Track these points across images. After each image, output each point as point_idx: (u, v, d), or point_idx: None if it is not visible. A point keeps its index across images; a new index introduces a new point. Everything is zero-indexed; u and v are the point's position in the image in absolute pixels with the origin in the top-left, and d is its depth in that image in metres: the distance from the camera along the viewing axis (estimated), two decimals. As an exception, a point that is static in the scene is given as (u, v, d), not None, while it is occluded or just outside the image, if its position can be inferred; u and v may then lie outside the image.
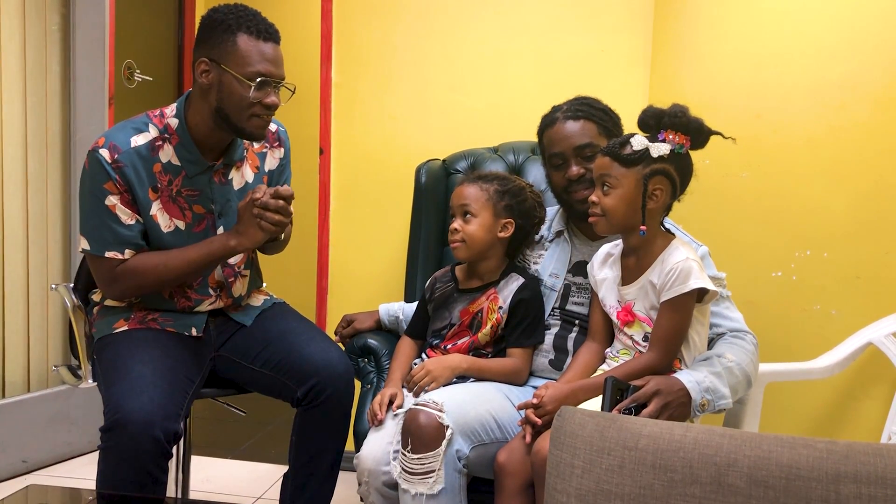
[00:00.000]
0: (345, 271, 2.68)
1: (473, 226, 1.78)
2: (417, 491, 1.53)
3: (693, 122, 1.55)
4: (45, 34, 2.67)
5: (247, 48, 1.65)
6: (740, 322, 1.74)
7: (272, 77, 1.68)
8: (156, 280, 1.74)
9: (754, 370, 1.67)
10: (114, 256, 1.70)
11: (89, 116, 2.75)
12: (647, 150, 1.54)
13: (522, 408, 1.58)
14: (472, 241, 1.79)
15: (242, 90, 1.66)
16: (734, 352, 1.64)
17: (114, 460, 1.54)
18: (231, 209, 1.82)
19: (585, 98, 1.82)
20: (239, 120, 1.69)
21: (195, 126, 1.74)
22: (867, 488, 0.94)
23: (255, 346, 1.84)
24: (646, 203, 1.54)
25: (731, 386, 1.58)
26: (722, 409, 1.57)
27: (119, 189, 1.68)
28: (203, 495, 2.45)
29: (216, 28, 1.67)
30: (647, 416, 1.46)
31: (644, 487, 1.02)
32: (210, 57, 1.67)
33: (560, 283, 1.83)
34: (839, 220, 2.09)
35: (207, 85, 1.68)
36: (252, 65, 1.65)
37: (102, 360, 1.74)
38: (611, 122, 1.79)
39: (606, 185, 1.58)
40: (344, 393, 1.78)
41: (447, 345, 1.82)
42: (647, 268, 1.60)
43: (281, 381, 1.79)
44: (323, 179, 2.66)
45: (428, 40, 2.58)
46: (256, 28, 1.67)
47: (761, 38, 2.18)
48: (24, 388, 2.66)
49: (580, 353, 1.71)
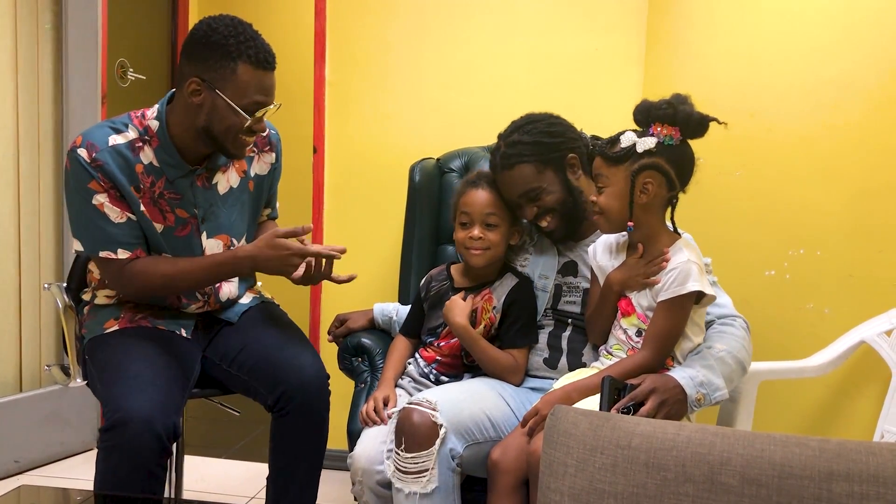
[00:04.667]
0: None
1: (497, 235, 1.77)
2: (411, 490, 1.53)
3: (681, 113, 1.54)
4: (37, 32, 2.66)
5: (246, 79, 1.62)
6: (729, 307, 1.74)
7: (267, 106, 1.66)
8: (163, 287, 1.74)
9: (747, 355, 1.67)
10: (107, 256, 1.69)
11: (82, 115, 2.73)
12: (635, 145, 1.54)
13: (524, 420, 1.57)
14: (496, 249, 1.78)
15: (237, 119, 1.64)
16: (724, 341, 1.65)
17: (115, 459, 1.53)
18: (215, 214, 1.80)
19: (519, 129, 1.78)
20: (225, 142, 1.67)
21: (177, 133, 1.71)
22: (859, 486, 0.94)
23: (233, 347, 1.83)
24: (634, 199, 1.55)
25: (726, 376, 1.58)
26: (719, 401, 1.58)
27: (104, 187, 1.66)
28: (197, 495, 2.45)
29: (214, 50, 1.61)
30: (644, 414, 1.46)
31: (637, 486, 1.02)
32: (204, 78, 1.62)
33: (550, 285, 1.83)
34: (832, 218, 2.09)
35: (197, 104, 1.64)
36: (250, 96, 1.63)
37: (96, 360, 1.73)
38: (546, 149, 1.74)
39: (600, 185, 1.59)
40: (315, 399, 1.75)
41: (441, 343, 1.82)
42: None
43: (254, 387, 1.77)
44: (316, 178, 2.66)
45: (422, 39, 2.57)
46: (257, 57, 1.62)
47: (755, 36, 2.19)
48: (16, 388, 2.65)
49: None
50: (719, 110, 2.21)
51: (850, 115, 2.06)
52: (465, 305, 1.76)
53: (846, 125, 2.06)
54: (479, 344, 1.74)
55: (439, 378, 1.81)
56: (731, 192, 2.21)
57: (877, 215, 2.04)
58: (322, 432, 1.78)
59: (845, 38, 2.06)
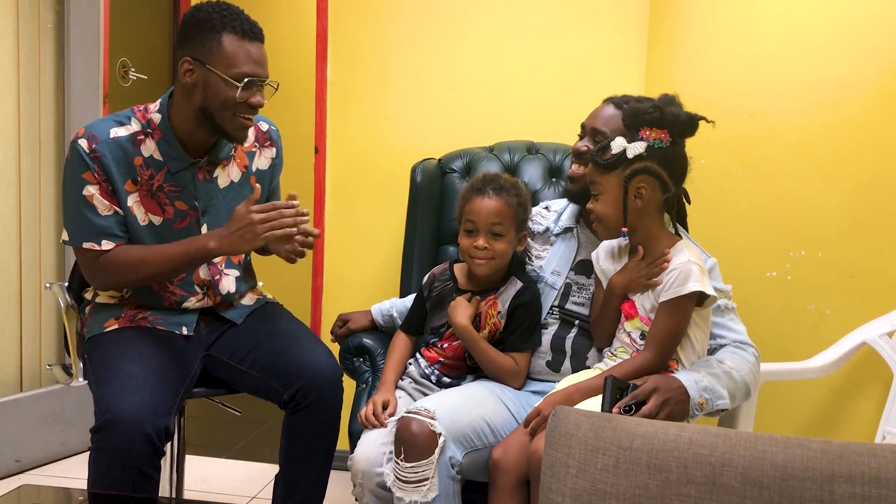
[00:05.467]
0: (340, 271, 2.67)
1: (503, 244, 1.74)
2: (411, 499, 1.53)
3: (667, 115, 1.54)
4: (38, 32, 2.66)
5: (232, 49, 1.65)
6: (744, 335, 1.73)
7: (258, 77, 1.68)
8: (135, 275, 1.73)
9: (754, 381, 1.67)
10: (91, 247, 1.71)
11: (83, 115, 2.73)
12: (625, 151, 1.55)
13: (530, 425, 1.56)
14: (502, 259, 1.76)
15: (228, 91, 1.66)
16: (734, 360, 1.64)
17: (106, 460, 1.53)
18: (215, 207, 1.81)
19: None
20: (223, 120, 1.69)
21: (178, 123, 1.74)
22: (861, 488, 0.94)
23: (243, 346, 1.83)
24: (628, 204, 1.55)
25: (730, 390, 1.58)
26: (721, 410, 1.57)
27: (97, 178, 1.68)
28: (197, 495, 2.45)
29: (200, 27, 1.66)
30: (646, 412, 1.46)
31: (639, 487, 1.02)
32: (194, 56, 1.66)
33: (561, 282, 1.82)
34: (834, 219, 2.09)
35: (191, 84, 1.68)
36: (238, 66, 1.65)
37: (93, 359, 1.73)
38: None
39: (595, 193, 1.60)
40: (330, 396, 1.76)
41: (444, 344, 1.82)
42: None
43: (268, 384, 1.77)
44: (318, 178, 2.66)
45: (424, 39, 2.57)
46: (241, 27, 1.66)
47: (756, 37, 2.18)
48: (16, 388, 2.65)
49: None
50: (720, 110, 2.22)
51: (851, 115, 2.06)
52: (470, 307, 1.76)
53: (847, 125, 2.06)
54: (481, 346, 1.74)
55: (441, 379, 1.80)
56: (732, 193, 2.20)
57: (878, 216, 2.04)
58: (334, 428, 1.79)
59: (845, 38, 2.06)
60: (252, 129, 1.86)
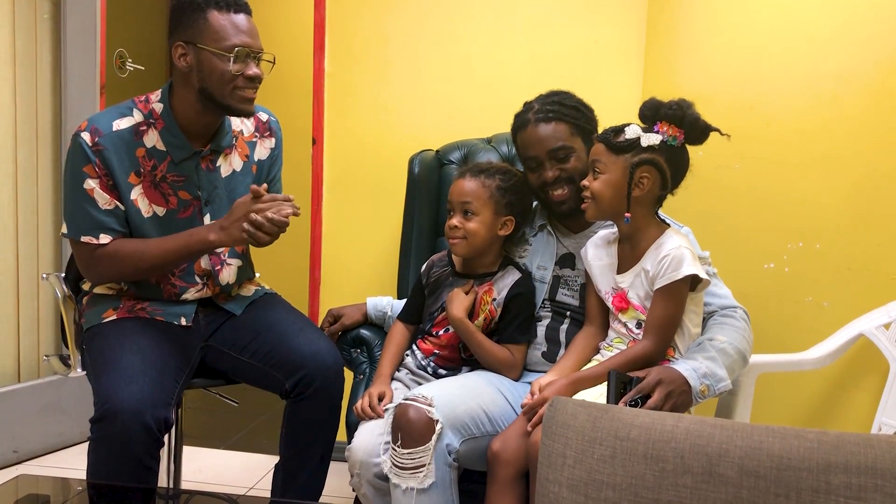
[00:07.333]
0: (338, 262, 2.67)
1: (474, 224, 1.75)
2: (408, 486, 1.53)
3: (689, 117, 1.56)
4: (35, 22, 2.65)
5: (219, 23, 1.67)
6: (729, 297, 1.76)
7: (249, 48, 1.69)
8: (132, 267, 1.73)
9: (748, 345, 1.68)
10: (89, 241, 1.71)
11: (80, 106, 2.73)
12: (639, 139, 1.56)
13: (528, 409, 1.57)
14: (473, 239, 1.76)
15: (222, 65, 1.67)
16: (725, 332, 1.66)
17: (104, 450, 1.54)
18: (218, 196, 1.82)
19: (557, 94, 1.80)
20: (223, 96, 1.69)
21: (180, 112, 1.74)
22: (857, 478, 0.95)
23: (244, 336, 1.83)
24: (631, 190, 1.57)
25: (728, 367, 1.59)
26: (722, 392, 1.59)
27: (98, 173, 1.69)
28: (195, 485, 2.45)
29: (185, 10, 1.68)
30: (651, 406, 1.47)
31: (636, 477, 1.02)
32: (185, 39, 1.68)
33: (549, 276, 1.82)
34: (831, 211, 2.09)
35: (187, 68, 1.69)
36: (228, 38, 1.67)
37: (92, 350, 1.73)
38: (583, 119, 1.77)
39: (596, 170, 1.61)
40: (333, 384, 1.77)
41: (438, 331, 1.82)
42: (642, 256, 1.61)
43: (269, 373, 1.78)
44: (315, 170, 2.65)
45: (421, 30, 2.57)
46: (225, 2, 1.68)
47: (755, 30, 2.18)
48: (14, 378, 2.65)
49: (578, 337, 1.71)
50: (719, 103, 2.22)
51: (850, 108, 2.06)
52: (466, 299, 1.76)
53: (845, 118, 2.06)
54: (476, 338, 1.74)
55: (437, 371, 1.80)
56: (730, 185, 2.20)
57: (876, 209, 2.04)
58: (335, 418, 1.80)
59: (844, 31, 2.06)
60: (252, 119, 1.86)
